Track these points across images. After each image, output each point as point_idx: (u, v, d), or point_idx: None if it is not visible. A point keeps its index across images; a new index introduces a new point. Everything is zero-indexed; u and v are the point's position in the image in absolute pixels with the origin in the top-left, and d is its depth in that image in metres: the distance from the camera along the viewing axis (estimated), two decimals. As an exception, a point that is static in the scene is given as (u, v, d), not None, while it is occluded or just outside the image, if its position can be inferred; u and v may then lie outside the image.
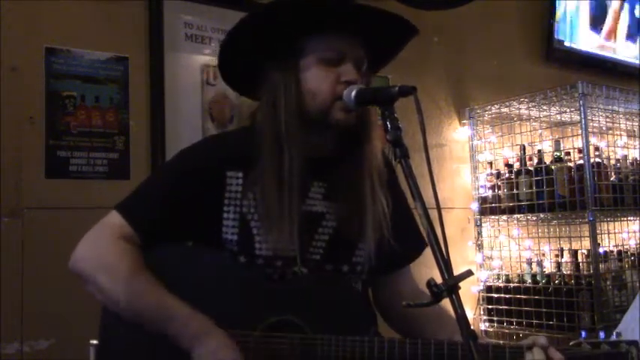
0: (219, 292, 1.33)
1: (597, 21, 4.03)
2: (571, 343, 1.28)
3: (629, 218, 3.35)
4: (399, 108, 1.20)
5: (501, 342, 2.41)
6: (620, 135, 3.42)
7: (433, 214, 1.07)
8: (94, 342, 1.42)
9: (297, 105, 1.34)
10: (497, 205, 3.27)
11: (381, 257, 1.43)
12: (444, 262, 1.04)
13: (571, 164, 3.06)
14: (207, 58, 2.60)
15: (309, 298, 1.32)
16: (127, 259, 1.31)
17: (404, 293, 1.53)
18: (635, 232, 3.48)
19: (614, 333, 1.82)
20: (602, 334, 2.85)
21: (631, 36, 4.20)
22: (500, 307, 3.21)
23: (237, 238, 1.36)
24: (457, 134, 3.45)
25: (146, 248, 1.35)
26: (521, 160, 3.21)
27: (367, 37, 1.39)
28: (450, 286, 1.01)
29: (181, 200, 1.37)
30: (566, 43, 3.89)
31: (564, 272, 3.09)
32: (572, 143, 3.15)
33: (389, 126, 1.16)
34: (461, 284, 1.02)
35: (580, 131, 2.98)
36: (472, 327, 1.01)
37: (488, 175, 3.36)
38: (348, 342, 1.25)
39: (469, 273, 1.03)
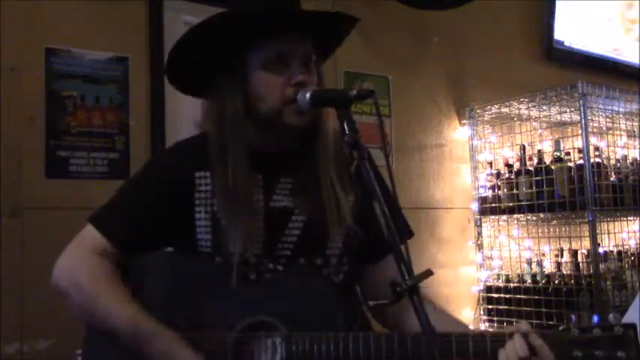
0: (197, 296, 1.33)
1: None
2: (560, 329, 1.23)
3: (629, 218, 3.34)
4: (400, 109, 1.20)
5: (484, 330, 2.37)
6: (620, 135, 3.41)
7: (432, 214, 1.07)
8: (79, 352, 1.43)
9: (245, 111, 1.33)
10: (497, 205, 3.27)
11: (356, 246, 1.41)
12: (404, 263, 1.05)
13: (571, 164, 3.06)
14: (207, 58, 2.60)
15: (286, 297, 1.31)
16: (98, 277, 1.35)
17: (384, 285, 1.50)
18: (635, 232, 3.48)
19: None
20: (596, 318, 2.82)
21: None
22: (501, 307, 3.20)
23: (211, 237, 1.37)
24: (457, 134, 3.45)
25: (124, 257, 1.38)
26: (521, 160, 3.20)
27: (311, 34, 1.37)
28: (411, 286, 1.02)
29: (153, 206, 1.39)
30: (566, 43, 3.89)
31: (564, 272, 3.09)
32: (572, 143, 3.15)
33: (346, 128, 1.14)
34: (461, 284, 1.03)
35: (580, 131, 2.98)
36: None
37: (488, 175, 3.36)
38: (323, 338, 1.24)
39: (429, 273, 1.04)
